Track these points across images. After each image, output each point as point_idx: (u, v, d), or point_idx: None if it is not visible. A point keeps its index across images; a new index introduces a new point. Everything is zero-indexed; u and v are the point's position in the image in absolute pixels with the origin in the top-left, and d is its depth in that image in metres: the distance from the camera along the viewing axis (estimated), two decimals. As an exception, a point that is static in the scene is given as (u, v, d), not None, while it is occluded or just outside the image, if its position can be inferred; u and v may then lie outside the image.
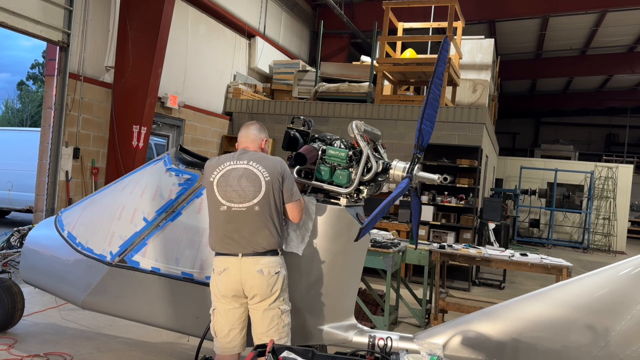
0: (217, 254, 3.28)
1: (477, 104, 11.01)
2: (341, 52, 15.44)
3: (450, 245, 6.80)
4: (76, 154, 7.81)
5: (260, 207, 3.20)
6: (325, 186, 3.51)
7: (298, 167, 3.52)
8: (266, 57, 12.87)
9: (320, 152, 3.51)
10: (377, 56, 10.67)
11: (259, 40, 12.49)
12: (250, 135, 3.41)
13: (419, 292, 7.03)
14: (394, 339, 3.47)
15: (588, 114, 27.84)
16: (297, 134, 3.60)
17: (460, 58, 10.89)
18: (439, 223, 9.67)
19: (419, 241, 6.44)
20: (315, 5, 15.42)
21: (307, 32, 15.55)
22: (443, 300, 6.23)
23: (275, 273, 3.21)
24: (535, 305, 3.40)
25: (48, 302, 5.73)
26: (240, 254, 3.20)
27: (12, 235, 5.38)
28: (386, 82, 11.23)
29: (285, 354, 2.29)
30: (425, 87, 11.19)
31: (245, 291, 3.21)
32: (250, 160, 3.26)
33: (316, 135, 3.64)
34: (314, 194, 3.57)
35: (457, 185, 9.61)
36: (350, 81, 11.30)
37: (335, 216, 3.52)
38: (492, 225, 9.68)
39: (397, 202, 8.49)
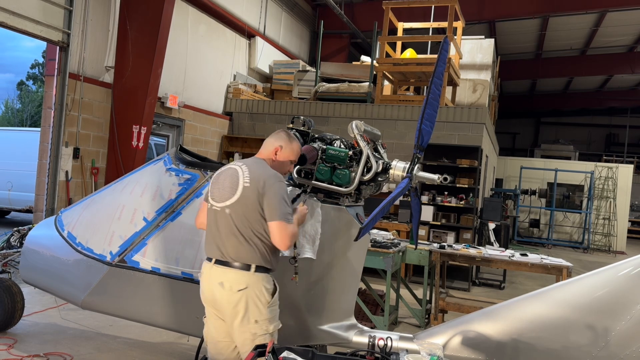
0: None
1: (477, 104, 11.01)
2: (341, 52, 15.45)
3: (450, 246, 6.80)
4: (76, 154, 7.81)
5: (231, 211, 2.93)
6: (325, 186, 3.50)
7: (298, 167, 3.51)
8: (266, 57, 12.87)
9: (320, 152, 3.51)
10: (377, 56, 10.67)
11: (259, 40, 12.49)
12: (267, 143, 3.19)
13: (419, 292, 7.03)
14: (394, 339, 3.47)
15: (588, 114, 27.84)
16: (297, 134, 3.60)
17: (460, 58, 10.89)
18: (439, 223, 9.66)
19: (419, 241, 6.44)
20: (315, 5, 15.42)
21: (307, 32, 15.55)
22: (443, 300, 6.23)
23: (239, 290, 2.88)
24: (535, 305, 3.40)
25: (48, 302, 5.73)
26: (213, 260, 2.98)
27: (12, 235, 5.38)
28: (386, 82, 11.23)
29: (285, 354, 2.29)
30: (425, 87, 11.18)
31: (216, 304, 2.97)
32: (245, 164, 3.06)
33: (316, 135, 3.64)
34: (314, 194, 3.57)
35: (457, 185, 9.61)
36: (350, 81, 11.30)
37: (335, 216, 3.52)
38: (492, 225, 9.68)
39: (397, 202, 8.50)
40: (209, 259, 3.00)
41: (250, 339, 2.89)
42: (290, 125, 3.65)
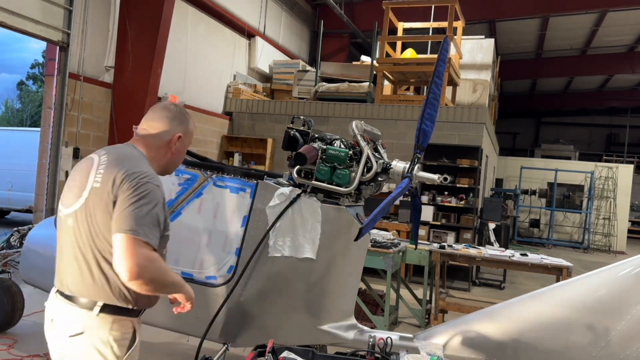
0: None
1: (477, 104, 11.01)
2: (341, 52, 15.45)
3: (450, 245, 6.79)
4: (76, 154, 7.81)
5: (74, 222, 2.05)
6: (325, 186, 3.50)
7: (298, 167, 3.51)
8: (266, 57, 12.87)
9: (320, 152, 3.51)
10: (377, 56, 10.67)
11: (259, 40, 12.48)
12: (150, 125, 2.26)
13: (419, 292, 7.03)
14: (394, 339, 3.47)
15: (588, 114, 27.84)
16: (297, 134, 3.59)
17: (461, 58, 10.89)
18: (439, 223, 9.66)
19: (419, 241, 6.43)
20: (315, 5, 15.42)
21: (307, 32, 15.55)
22: (443, 300, 6.23)
23: (70, 336, 2.03)
24: (535, 305, 3.40)
25: (48, 302, 5.72)
26: (55, 289, 2.14)
27: (12, 235, 5.38)
28: (386, 82, 11.23)
29: (285, 354, 2.29)
30: (425, 87, 11.18)
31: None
32: (109, 153, 2.14)
33: (316, 135, 3.63)
34: (314, 194, 3.57)
35: (457, 185, 9.61)
36: (350, 81, 11.30)
37: (335, 216, 3.52)
38: (492, 225, 9.68)
39: (397, 202, 8.49)
40: (52, 287, 2.17)
41: None
42: (291, 125, 3.65)
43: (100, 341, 2.02)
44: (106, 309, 2.02)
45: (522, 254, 6.41)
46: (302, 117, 3.66)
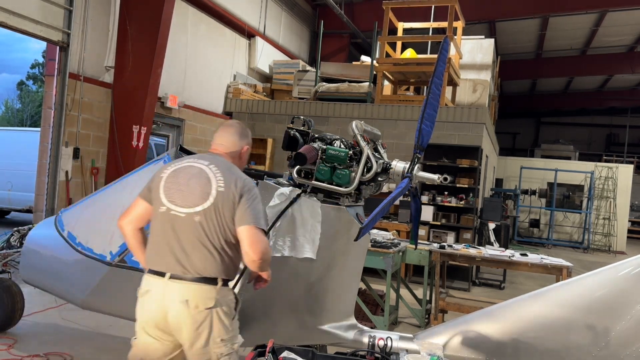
0: (147, 270, 2.65)
1: (477, 104, 11.01)
2: (341, 52, 15.44)
3: (450, 245, 6.79)
4: (76, 154, 7.81)
5: (202, 218, 2.55)
6: (325, 186, 3.50)
7: (298, 167, 3.51)
8: (266, 57, 12.87)
9: (320, 152, 3.51)
10: (377, 56, 10.67)
11: (259, 40, 12.48)
12: (227, 140, 2.85)
13: (419, 292, 7.03)
14: (394, 339, 3.47)
15: (588, 114, 27.83)
16: (297, 134, 3.59)
17: (460, 58, 10.89)
18: (439, 223, 9.66)
19: (419, 241, 6.44)
20: (315, 5, 15.42)
21: (307, 32, 15.55)
22: (443, 300, 6.23)
23: (206, 308, 2.52)
24: (535, 305, 3.40)
25: (48, 302, 5.72)
26: (167, 274, 2.55)
27: (12, 235, 5.38)
28: (386, 82, 11.23)
29: (285, 354, 2.29)
30: (425, 87, 11.18)
31: (168, 325, 2.55)
32: (212, 164, 2.69)
33: (316, 135, 3.63)
34: (314, 194, 3.57)
35: (457, 185, 9.61)
36: (350, 81, 11.30)
37: (335, 216, 3.52)
38: (492, 225, 9.68)
39: (397, 202, 8.49)
40: (160, 274, 2.56)
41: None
42: (291, 125, 3.65)
43: (227, 307, 2.58)
44: (224, 282, 2.59)
45: (522, 254, 6.41)
46: (302, 117, 3.66)
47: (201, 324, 2.50)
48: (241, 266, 2.78)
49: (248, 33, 12.13)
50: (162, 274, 2.55)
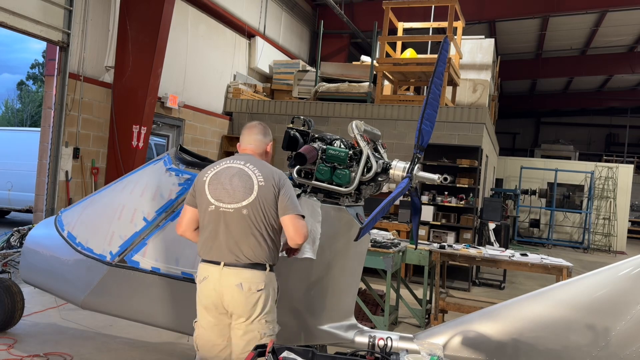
0: (202, 260, 3.02)
1: (477, 104, 11.01)
2: (341, 52, 15.45)
3: (450, 245, 6.79)
4: (76, 154, 7.81)
5: (249, 211, 2.91)
6: (325, 186, 3.50)
7: (298, 167, 3.51)
8: (266, 57, 12.87)
9: (320, 152, 3.51)
10: (377, 56, 10.67)
11: (259, 40, 12.49)
12: (254, 140, 3.17)
13: (419, 292, 7.03)
14: (394, 339, 3.47)
15: (588, 114, 27.84)
16: (297, 134, 3.60)
17: (461, 58, 10.89)
18: (439, 223, 9.66)
19: (419, 241, 6.44)
20: (315, 5, 15.42)
21: (307, 32, 15.55)
22: (443, 300, 6.23)
23: (258, 290, 2.89)
24: (535, 305, 3.40)
25: (48, 302, 5.73)
26: (222, 263, 2.91)
27: (12, 235, 5.38)
28: (386, 82, 11.23)
29: (285, 354, 2.29)
30: (425, 87, 11.18)
31: (224, 306, 2.93)
32: (248, 162, 3.04)
33: (316, 135, 3.64)
34: (314, 194, 3.57)
35: (457, 185, 9.61)
36: (350, 81, 11.30)
37: (335, 216, 3.52)
38: (492, 225, 9.68)
39: (397, 202, 8.49)
40: (216, 262, 2.93)
41: (258, 338, 2.90)
42: (291, 125, 3.65)
43: (273, 290, 2.97)
44: (271, 269, 2.96)
45: (522, 254, 6.41)
46: (302, 117, 3.66)
47: (253, 305, 2.87)
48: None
49: (248, 33, 12.13)
50: (217, 263, 2.91)
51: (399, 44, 11.70)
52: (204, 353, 3.02)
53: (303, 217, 2.97)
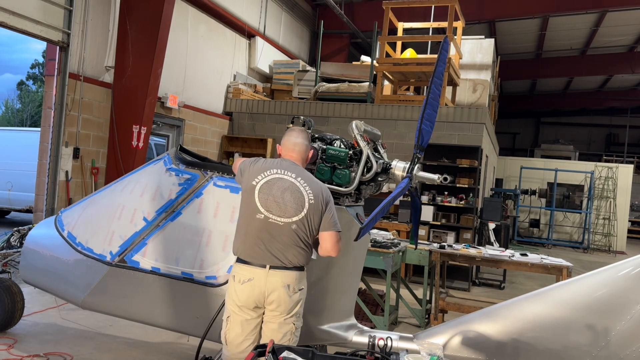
0: (241, 261, 3.15)
1: (477, 104, 11.01)
2: (341, 52, 15.44)
3: (450, 245, 6.80)
4: (76, 154, 7.81)
5: (298, 226, 3.09)
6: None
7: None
8: (266, 57, 12.87)
9: (320, 152, 3.51)
10: (377, 56, 10.67)
11: (259, 40, 12.48)
12: (299, 145, 3.24)
13: (419, 292, 7.03)
14: (394, 339, 3.47)
15: (588, 114, 27.83)
16: (297, 134, 3.59)
17: (460, 58, 10.89)
18: (439, 223, 9.66)
19: (419, 241, 6.44)
20: (315, 5, 15.41)
21: (307, 32, 15.55)
22: (443, 300, 6.23)
23: (299, 289, 3.15)
24: (535, 305, 3.40)
25: (48, 302, 5.73)
26: (267, 266, 3.09)
27: (12, 235, 5.38)
28: (386, 82, 11.23)
29: (285, 354, 2.29)
30: (425, 87, 11.18)
31: (266, 303, 3.12)
32: (299, 176, 3.14)
33: (316, 135, 3.64)
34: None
35: (457, 185, 9.61)
36: (350, 81, 11.30)
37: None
38: (492, 225, 9.68)
39: (397, 202, 8.49)
40: (262, 266, 3.10)
41: (291, 331, 3.14)
42: (291, 125, 3.65)
43: (306, 288, 3.23)
44: (304, 268, 3.21)
45: (522, 254, 6.41)
46: (302, 117, 3.66)
47: (297, 302, 3.12)
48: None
49: (248, 33, 12.13)
50: (263, 266, 3.09)
51: (399, 44, 11.70)
52: (232, 348, 3.15)
53: (340, 232, 3.17)
